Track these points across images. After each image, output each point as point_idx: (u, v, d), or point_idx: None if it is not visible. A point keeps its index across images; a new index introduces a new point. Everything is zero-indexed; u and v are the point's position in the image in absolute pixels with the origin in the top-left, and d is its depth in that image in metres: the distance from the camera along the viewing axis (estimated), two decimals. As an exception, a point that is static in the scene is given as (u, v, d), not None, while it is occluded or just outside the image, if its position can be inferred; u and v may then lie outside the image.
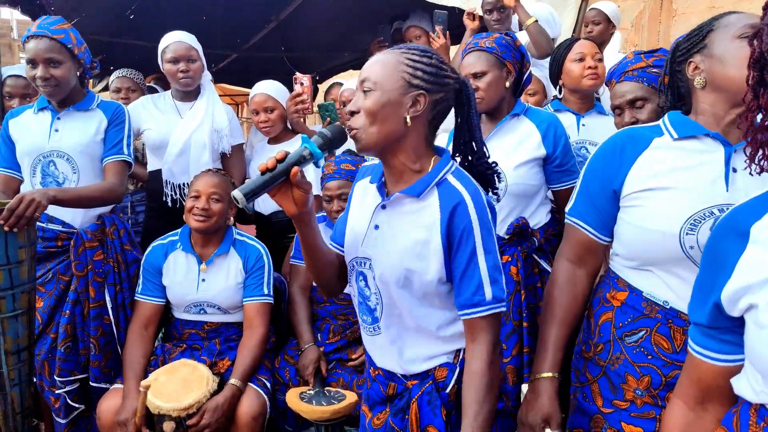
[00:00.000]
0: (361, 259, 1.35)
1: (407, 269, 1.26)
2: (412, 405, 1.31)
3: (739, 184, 1.23)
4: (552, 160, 2.05)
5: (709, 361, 0.96)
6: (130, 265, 2.30)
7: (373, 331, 1.39)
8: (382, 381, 1.42)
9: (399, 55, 1.26)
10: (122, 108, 2.30)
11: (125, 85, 3.33)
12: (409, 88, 1.24)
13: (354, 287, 1.41)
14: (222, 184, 2.23)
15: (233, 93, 8.19)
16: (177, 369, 2.09)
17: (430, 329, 1.31)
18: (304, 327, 2.35)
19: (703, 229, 1.21)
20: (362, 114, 1.24)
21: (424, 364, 1.34)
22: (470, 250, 1.24)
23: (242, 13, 3.81)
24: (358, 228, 1.37)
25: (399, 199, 1.29)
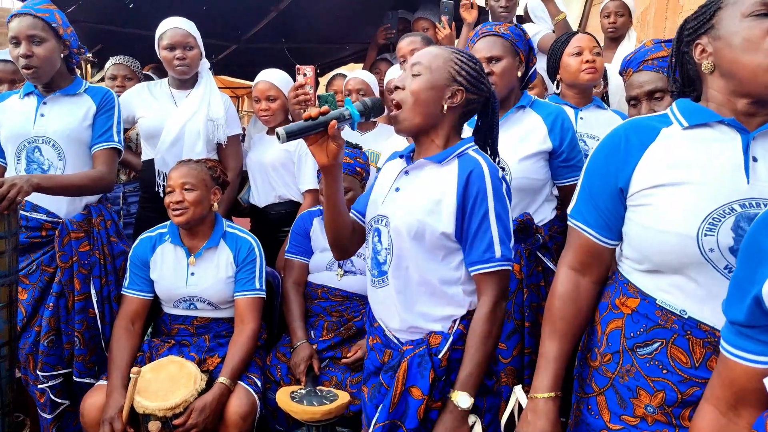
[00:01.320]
0: (379, 216, 1.49)
1: (419, 221, 1.39)
2: (402, 364, 1.39)
3: (762, 174, 1.12)
4: (558, 155, 1.99)
5: (744, 362, 0.89)
6: (117, 257, 2.23)
7: (379, 284, 1.49)
8: (378, 348, 1.51)
9: (450, 53, 1.45)
10: (111, 94, 2.22)
11: (121, 73, 3.26)
12: (452, 82, 1.42)
13: (369, 245, 1.53)
14: (192, 171, 2.14)
15: (233, 85, 8.14)
16: (164, 366, 2.01)
17: (433, 282, 1.42)
18: (297, 324, 2.28)
19: (723, 229, 1.08)
20: (407, 92, 1.41)
21: (424, 322, 1.43)
22: (483, 212, 1.37)
23: (242, 3, 3.75)
24: (380, 192, 1.52)
25: (421, 165, 1.46)
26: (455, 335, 1.41)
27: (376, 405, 1.44)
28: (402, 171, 1.49)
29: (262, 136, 2.91)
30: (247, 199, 2.91)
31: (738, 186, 1.11)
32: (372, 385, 1.51)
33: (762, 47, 1.08)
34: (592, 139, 2.36)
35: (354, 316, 2.29)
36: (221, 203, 2.39)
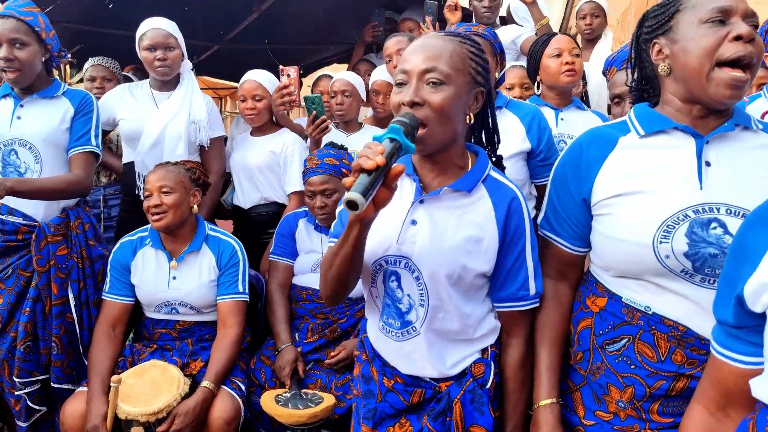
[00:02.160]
0: (395, 257, 1.26)
1: (462, 266, 1.22)
2: (456, 406, 1.27)
3: (715, 178, 1.14)
4: (536, 154, 2.01)
5: (732, 363, 0.90)
6: (96, 261, 2.19)
7: (401, 336, 1.30)
8: (402, 390, 1.32)
9: (462, 47, 1.21)
10: (90, 97, 2.19)
11: (100, 74, 3.21)
12: (473, 85, 1.21)
13: (379, 289, 1.32)
14: (170, 174, 2.11)
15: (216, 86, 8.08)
16: (146, 371, 1.98)
17: (470, 325, 1.29)
18: (282, 326, 2.26)
19: (677, 235, 1.11)
20: (429, 109, 1.14)
21: (461, 365, 1.31)
22: (521, 246, 1.26)
23: (224, 3, 3.72)
24: (386, 226, 1.26)
25: (444, 195, 1.24)
26: (492, 358, 1.33)
27: None
28: (416, 201, 1.25)
29: (245, 136, 2.88)
30: (230, 201, 2.88)
31: (691, 192, 1.13)
32: (389, 427, 1.33)
33: (714, 56, 1.09)
34: (572, 140, 2.37)
35: (339, 318, 2.27)
36: (203, 206, 2.36)
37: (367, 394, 1.37)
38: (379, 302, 1.33)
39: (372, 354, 1.39)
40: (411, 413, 1.34)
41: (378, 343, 1.37)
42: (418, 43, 1.21)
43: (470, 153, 1.31)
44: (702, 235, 1.09)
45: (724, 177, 1.13)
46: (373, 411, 1.34)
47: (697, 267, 1.10)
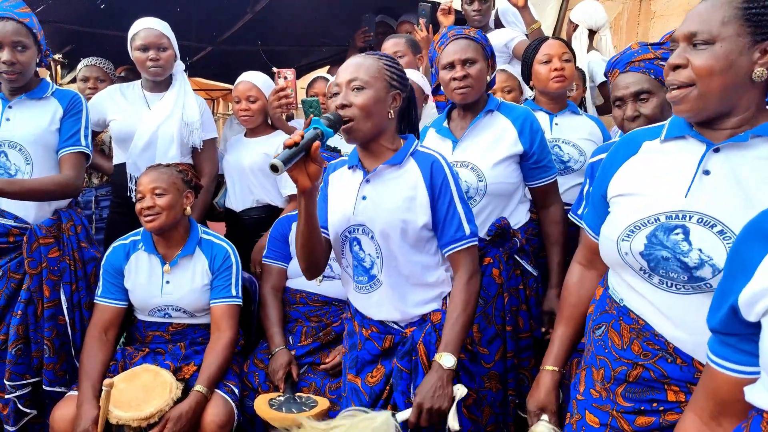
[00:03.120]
0: (354, 226, 1.59)
1: (403, 221, 1.53)
2: (419, 346, 1.55)
3: (706, 187, 1.14)
4: (529, 157, 2.00)
5: (726, 372, 0.90)
6: (88, 263, 2.17)
7: (369, 289, 1.61)
8: (377, 337, 1.61)
9: (377, 60, 1.56)
10: (79, 97, 2.17)
11: (93, 75, 3.18)
12: (390, 89, 1.55)
13: (348, 256, 1.63)
14: (163, 176, 2.09)
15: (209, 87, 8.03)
16: (138, 375, 1.96)
17: (421, 272, 1.58)
18: (276, 329, 2.25)
19: (639, 236, 1.19)
20: (354, 108, 1.49)
21: (422, 308, 1.60)
22: (449, 197, 1.56)
23: (217, 4, 3.70)
24: (343, 205, 1.60)
25: (381, 171, 1.58)
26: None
27: (402, 391, 1.55)
28: (363, 180, 1.58)
29: (239, 138, 2.87)
30: (222, 203, 2.87)
31: (675, 199, 1.16)
32: (368, 375, 1.61)
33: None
34: (567, 145, 2.38)
35: (333, 321, 2.26)
36: (196, 208, 2.34)
37: (351, 346, 1.68)
38: (350, 269, 1.64)
39: (354, 311, 1.69)
40: (384, 358, 1.61)
41: (356, 301, 1.67)
42: (346, 63, 1.57)
43: (402, 139, 1.62)
44: (661, 238, 1.16)
45: (717, 187, 1.13)
46: (356, 359, 1.64)
47: (652, 267, 1.17)
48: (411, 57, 2.83)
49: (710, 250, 1.10)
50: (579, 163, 2.37)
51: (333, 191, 1.67)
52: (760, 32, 1.07)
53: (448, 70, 1.96)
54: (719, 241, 1.10)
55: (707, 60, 1.10)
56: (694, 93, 1.12)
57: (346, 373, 1.68)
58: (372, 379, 1.61)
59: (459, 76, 1.92)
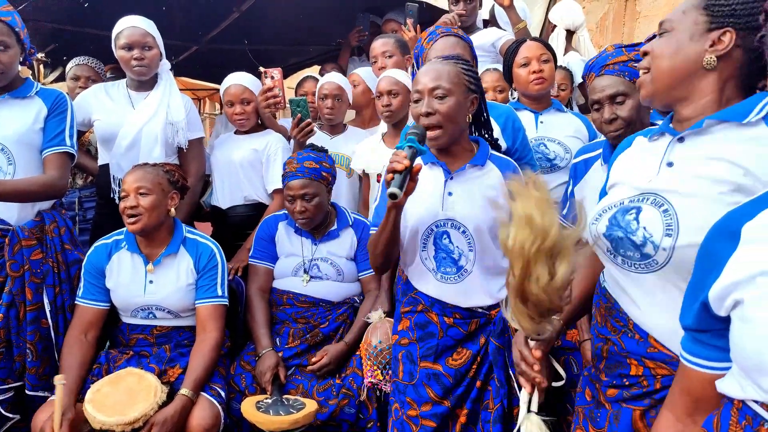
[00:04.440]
0: (443, 221, 1.71)
1: (493, 217, 1.65)
2: (510, 324, 1.62)
3: (667, 175, 1.17)
4: (512, 154, 2.05)
5: (698, 369, 0.93)
6: (71, 265, 2.13)
7: (458, 279, 1.73)
8: (461, 323, 1.74)
9: (454, 66, 1.66)
10: (64, 96, 2.13)
11: (84, 74, 3.14)
12: (469, 93, 1.66)
13: (430, 249, 1.74)
14: (148, 176, 2.07)
15: (195, 87, 7.97)
16: (122, 379, 1.94)
17: (501, 262, 1.71)
18: (262, 331, 2.23)
19: (604, 218, 1.24)
20: (439, 116, 1.61)
21: (502, 291, 1.70)
22: None
23: (203, 3, 3.67)
24: (429, 200, 1.71)
25: (466, 170, 1.72)
26: None
27: (501, 366, 1.71)
28: (447, 178, 1.71)
29: (229, 135, 2.85)
30: (209, 202, 2.84)
31: (638, 185, 1.21)
32: (448, 358, 1.74)
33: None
34: (553, 143, 2.39)
35: (320, 323, 2.25)
36: (181, 208, 2.32)
37: (424, 336, 1.76)
38: (430, 261, 1.75)
39: (430, 303, 1.77)
40: (466, 341, 1.75)
41: (439, 292, 1.75)
42: (426, 67, 1.67)
43: (472, 141, 1.77)
44: (619, 219, 1.21)
45: (676, 174, 1.17)
46: (435, 347, 1.74)
47: (614, 247, 1.22)
48: (399, 57, 2.82)
49: (652, 227, 1.14)
50: (565, 160, 2.38)
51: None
52: (714, 21, 1.12)
53: None
54: (660, 218, 1.13)
55: (660, 45, 1.17)
56: (648, 77, 1.20)
57: (417, 361, 1.76)
58: (455, 362, 1.74)
59: None
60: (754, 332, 0.78)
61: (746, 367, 0.81)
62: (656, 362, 1.17)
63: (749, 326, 0.80)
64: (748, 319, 0.80)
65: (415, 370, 1.75)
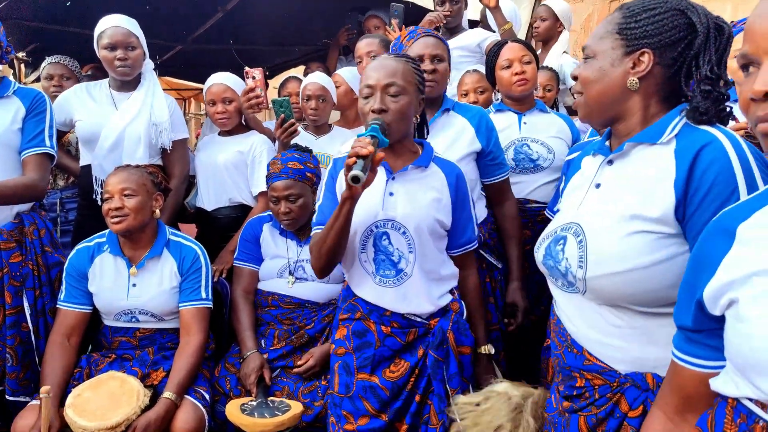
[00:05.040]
0: (383, 221, 1.65)
1: (435, 218, 1.65)
2: (449, 335, 1.66)
3: (592, 200, 1.24)
4: (486, 154, 2.07)
5: (692, 368, 0.93)
6: (52, 268, 2.11)
7: (397, 282, 1.66)
8: (399, 332, 1.67)
9: (406, 64, 1.62)
10: (42, 96, 2.10)
11: (58, 72, 3.10)
12: (418, 93, 1.63)
13: (369, 251, 1.67)
14: (132, 177, 2.05)
15: (179, 87, 7.91)
16: (103, 383, 1.91)
17: (440, 267, 1.71)
18: (247, 333, 2.21)
19: (541, 248, 1.32)
20: (391, 113, 1.56)
21: (443, 299, 1.72)
22: (468, 205, 1.74)
23: (187, 2, 3.65)
24: (369, 201, 1.63)
25: (409, 171, 1.67)
26: (459, 296, 1.76)
27: (440, 380, 1.65)
28: (389, 178, 1.66)
29: (213, 136, 2.83)
30: (193, 203, 2.82)
31: (570, 212, 1.29)
32: (386, 370, 1.67)
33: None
34: (536, 143, 2.40)
35: (306, 324, 2.24)
36: (166, 210, 2.30)
37: (361, 346, 1.69)
38: (369, 264, 1.68)
39: (368, 309, 1.69)
40: (404, 352, 1.68)
41: (377, 297, 1.68)
42: (378, 62, 1.61)
43: (417, 144, 1.74)
44: (551, 249, 1.28)
45: (599, 199, 1.23)
46: (371, 357, 1.67)
47: (550, 274, 1.30)
48: (384, 57, 2.82)
49: (571, 259, 1.21)
50: (548, 161, 2.39)
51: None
52: (630, 44, 1.16)
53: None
54: (576, 250, 1.19)
55: (585, 71, 1.23)
56: (581, 100, 1.26)
57: (354, 372, 1.67)
58: (393, 374, 1.66)
59: (429, 69, 1.97)
60: (750, 331, 0.79)
61: (741, 366, 0.81)
62: (593, 374, 1.22)
63: (744, 325, 0.80)
64: (743, 319, 0.81)
65: (351, 381, 1.67)
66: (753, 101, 0.79)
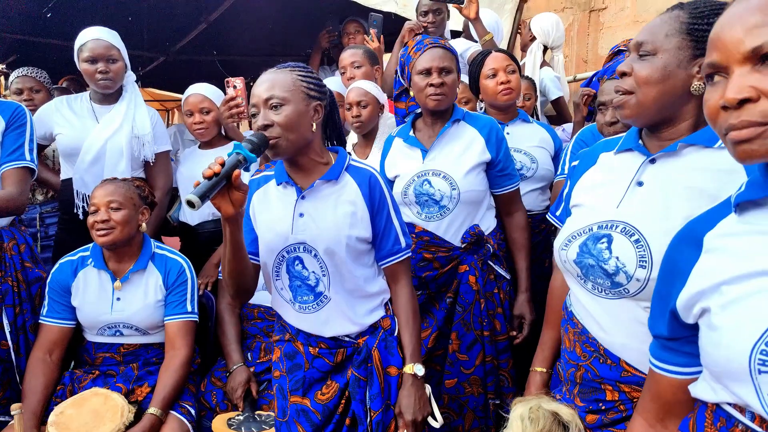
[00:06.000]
0: (293, 245, 1.53)
1: (347, 236, 1.51)
2: (374, 353, 1.55)
3: (636, 198, 1.19)
4: (495, 164, 2.05)
5: (668, 375, 0.94)
6: (32, 283, 2.07)
7: (317, 307, 1.55)
8: (327, 353, 1.57)
9: (290, 73, 1.49)
10: (22, 109, 2.07)
11: (27, 85, 3.06)
12: (309, 100, 1.49)
13: (284, 277, 1.56)
14: (120, 190, 2.03)
15: (163, 98, 7.86)
16: (87, 400, 1.88)
17: (363, 285, 1.57)
18: (233, 347, 2.19)
19: (574, 245, 1.25)
20: (277, 127, 1.43)
21: (370, 317, 1.59)
22: (386, 212, 1.58)
23: (170, 14, 3.64)
24: (278, 224, 1.54)
25: (318, 186, 1.54)
26: (392, 312, 1.64)
27: (360, 399, 1.54)
28: (298, 198, 1.53)
29: (194, 149, 2.81)
30: (176, 217, 2.79)
31: (607, 209, 1.22)
32: (317, 393, 1.57)
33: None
34: (519, 153, 2.42)
35: (292, 336, 2.22)
36: (150, 223, 2.28)
37: (292, 368, 1.60)
38: (286, 291, 1.57)
39: (295, 331, 1.60)
40: (335, 373, 1.59)
41: (300, 322, 1.58)
42: (260, 79, 1.49)
43: (331, 152, 1.60)
44: (590, 247, 1.21)
45: (645, 197, 1.18)
46: (302, 380, 1.58)
47: (584, 273, 1.23)
48: (368, 68, 2.83)
49: (625, 258, 1.15)
50: (531, 170, 2.41)
51: (260, 210, 1.59)
52: (700, 47, 1.10)
53: (424, 76, 1.98)
54: (633, 250, 1.15)
55: (646, 69, 1.13)
56: (633, 100, 1.16)
57: (287, 396, 1.60)
58: (323, 396, 1.57)
59: (436, 83, 1.95)
60: (722, 340, 0.79)
61: (716, 373, 0.82)
62: (631, 386, 1.17)
63: (717, 334, 0.81)
64: (715, 327, 0.81)
65: (286, 405, 1.60)
66: (724, 110, 0.77)
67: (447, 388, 1.99)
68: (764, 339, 0.74)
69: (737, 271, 0.80)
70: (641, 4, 4.46)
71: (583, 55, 4.94)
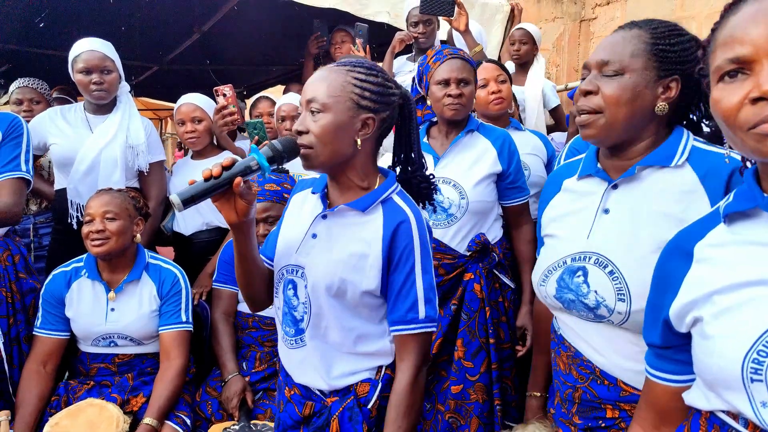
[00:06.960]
0: (293, 266, 1.33)
1: (341, 279, 1.25)
2: (333, 423, 1.27)
3: (603, 226, 1.20)
4: (506, 177, 2.07)
5: (663, 382, 0.95)
6: (27, 294, 2.06)
7: (294, 344, 1.33)
8: (298, 401, 1.35)
9: (346, 74, 1.24)
10: (19, 120, 2.07)
11: (27, 96, 3.06)
12: (359, 110, 1.23)
13: (280, 297, 1.36)
14: (115, 200, 2.03)
15: (156, 107, 7.86)
16: (82, 410, 1.87)
17: (355, 342, 1.29)
18: (228, 356, 2.19)
19: (551, 280, 1.25)
20: (311, 136, 1.22)
21: (348, 378, 1.31)
22: (409, 268, 1.25)
23: (163, 23, 3.65)
24: (292, 236, 1.34)
25: (342, 211, 1.29)
26: (383, 381, 1.31)
27: None
28: (319, 215, 1.31)
29: (186, 160, 2.82)
30: (170, 227, 2.79)
31: (578, 240, 1.22)
32: None
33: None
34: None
35: (287, 345, 2.22)
36: (144, 233, 2.28)
37: (278, 403, 1.42)
38: (278, 314, 1.37)
39: (280, 364, 1.42)
40: (306, 426, 1.35)
41: (281, 353, 1.40)
42: (314, 74, 1.28)
43: (381, 175, 1.33)
44: (568, 281, 1.21)
45: (612, 225, 1.19)
46: (278, 420, 1.40)
47: (567, 307, 1.24)
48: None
49: (603, 291, 1.16)
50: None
51: (290, 213, 1.40)
52: (664, 68, 1.12)
53: (442, 87, 2.00)
54: (609, 282, 1.15)
55: (615, 89, 1.12)
56: (601, 120, 1.14)
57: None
58: None
59: (455, 94, 1.97)
60: (715, 349, 0.81)
61: (709, 381, 0.83)
62: (632, 404, 1.15)
63: (709, 342, 0.82)
64: (707, 336, 0.82)
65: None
66: (752, 103, 0.74)
67: (453, 394, 2.00)
68: (756, 347, 0.75)
69: (728, 281, 0.82)
70: (631, 14, 4.52)
71: (574, 65, 5.00)
